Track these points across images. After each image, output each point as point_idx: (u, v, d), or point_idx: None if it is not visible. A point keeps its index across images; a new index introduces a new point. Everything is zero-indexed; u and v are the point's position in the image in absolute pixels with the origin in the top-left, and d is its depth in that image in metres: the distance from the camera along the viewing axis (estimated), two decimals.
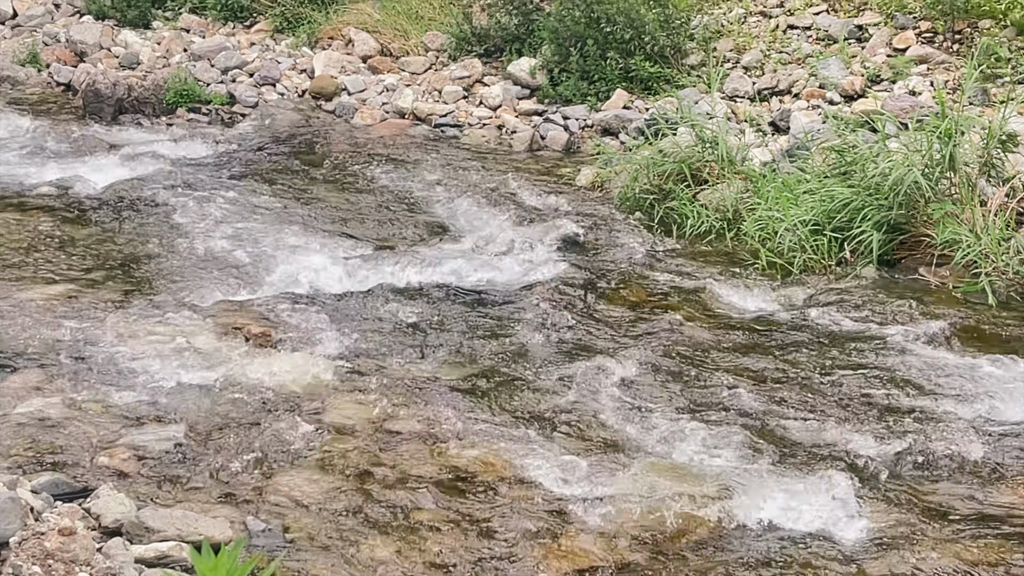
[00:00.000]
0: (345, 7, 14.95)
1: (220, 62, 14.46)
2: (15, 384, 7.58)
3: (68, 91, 14.51)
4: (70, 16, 16.26)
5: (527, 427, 7.32)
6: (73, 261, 9.68)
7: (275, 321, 8.63)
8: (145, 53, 14.93)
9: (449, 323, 8.74)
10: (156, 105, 13.75)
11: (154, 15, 15.97)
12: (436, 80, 13.74)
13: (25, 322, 8.41)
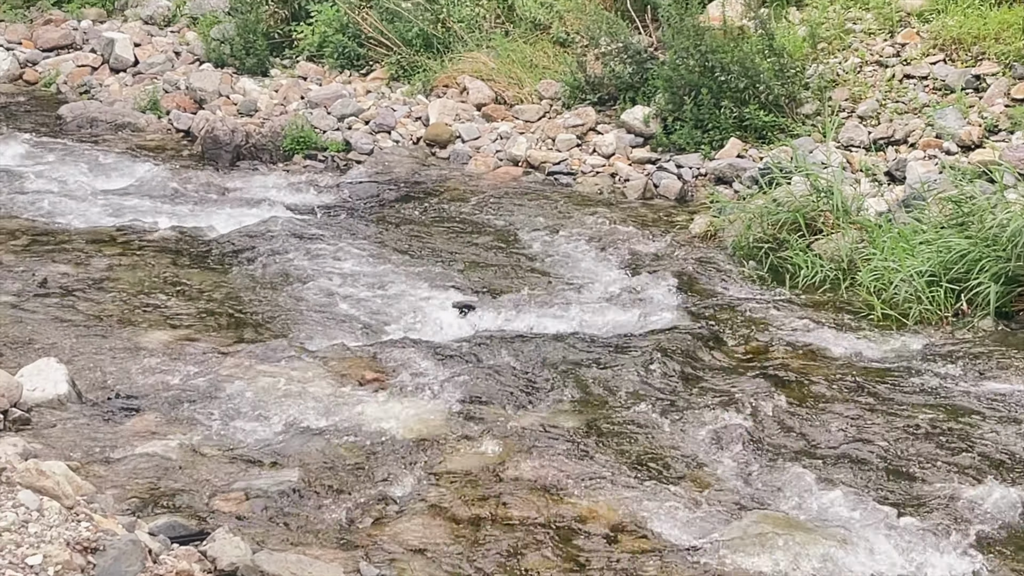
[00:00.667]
0: (460, 55, 15.08)
1: (336, 109, 14.65)
2: (135, 427, 7.73)
3: (187, 137, 14.77)
4: (190, 64, 16.56)
5: (640, 475, 7.32)
6: (191, 305, 9.85)
7: (388, 367, 8.71)
8: (263, 100, 15.17)
9: (560, 370, 8.76)
10: (273, 152, 13.95)
11: (272, 63, 16.22)
12: (550, 128, 13.82)
13: (145, 366, 8.57)
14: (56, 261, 10.66)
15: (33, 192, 12.56)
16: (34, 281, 10.09)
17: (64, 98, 16.26)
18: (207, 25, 16.89)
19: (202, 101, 15.41)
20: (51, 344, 8.89)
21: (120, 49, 16.81)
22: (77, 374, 8.30)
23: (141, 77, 16.40)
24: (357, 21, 15.72)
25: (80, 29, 17.84)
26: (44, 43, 17.69)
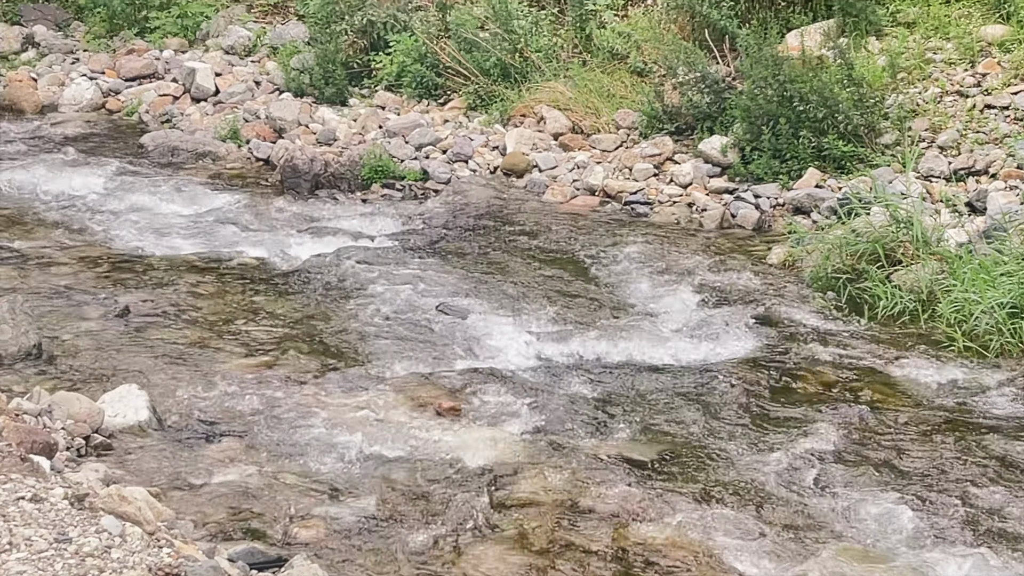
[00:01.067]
0: (538, 85, 15.13)
1: (414, 139, 14.74)
2: (215, 453, 7.81)
3: (266, 166, 14.89)
4: (270, 93, 16.71)
5: (715, 507, 7.31)
6: (270, 333, 9.94)
7: (464, 394, 8.76)
8: (341, 130, 15.28)
9: (635, 399, 8.77)
10: (351, 181, 14.04)
11: (351, 93, 16.34)
12: (627, 157, 13.83)
13: (224, 392, 8.66)
14: (137, 288, 10.79)
15: (115, 220, 12.72)
16: (116, 308, 10.21)
17: (146, 127, 16.44)
18: (287, 55, 17.05)
19: (281, 130, 15.55)
20: (132, 370, 8.99)
21: (201, 78, 17.00)
22: (158, 400, 8.39)
23: (222, 106, 16.57)
24: (435, 51, 15.82)
25: (162, 59, 18.05)
26: (127, 72, 17.90)
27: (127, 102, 17.28)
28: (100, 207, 13.11)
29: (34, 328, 9.29)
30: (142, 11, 19.05)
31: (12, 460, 5.61)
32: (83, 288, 10.76)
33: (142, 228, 12.46)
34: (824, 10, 14.58)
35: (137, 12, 19.03)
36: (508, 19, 15.45)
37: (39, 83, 17.86)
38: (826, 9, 14.57)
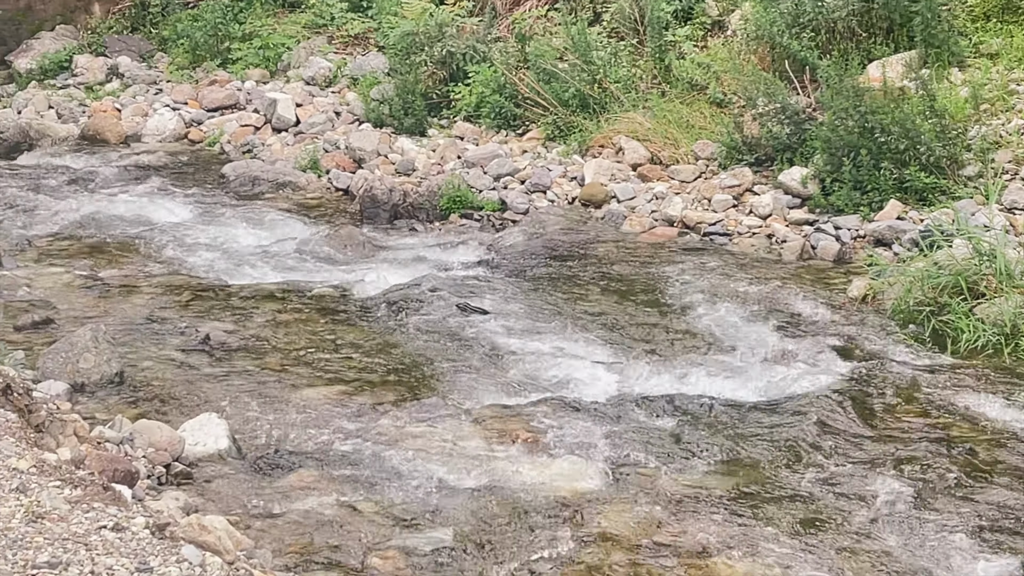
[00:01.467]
0: (616, 116, 15.12)
1: (492, 169, 14.77)
2: (293, 482, 7.83)
3: (346, 196, 14.98)
4: (349, 124, 16.82)
5: (796, 542, 7.23)
6: (349, 362, 9.96)
7: (543, 426, 8.73)
8: (420, 160, 15.34)
9: (714, 432, 8.70)
10: (430, 211, 14.09)
11: (430, 123, 16.41)
12: (705, 188, 13.78)
13: (303, 421, 8.69)
14: (218, 317, 10.87)
15: (196, 249, 12.84)
16: (197, 337, 10.28)
17: (227, 157, 16.59)
18: (367, 86, 17.16)
19: (361, 160, 15.63)
20: (212, 399, 9.05)
21: (282, 109, 17.14)
22: (237, 429, 8.44)
23: (302, 137, 16.69)
24: (514, 82, 15.86)
25: (244, 90, 18.23)
26: (209, 103, 18.10)
27: (209, 132, 17.46)
28: (182, 236, 13.24)
29: (116, 356, 9.37)
30: (224, 42, 19.28)
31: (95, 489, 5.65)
32: (164, 316, 10.85)
33: (223, 257, 12.58)
34: (906, 41, 14.47)
35: (220, 43, 19.26)
36: (587, 50, 15.47)
37: (123, 113, 18.11)
38: (908, 40, 14.46)
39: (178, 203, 14.40)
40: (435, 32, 16.71)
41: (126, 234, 13.37)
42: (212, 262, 12.44)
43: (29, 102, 18.62)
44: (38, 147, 17.13)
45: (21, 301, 11.02)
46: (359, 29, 18.95)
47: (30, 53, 20.12)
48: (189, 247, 12.90)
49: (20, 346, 9.78)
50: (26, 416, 6.24)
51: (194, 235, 13.30)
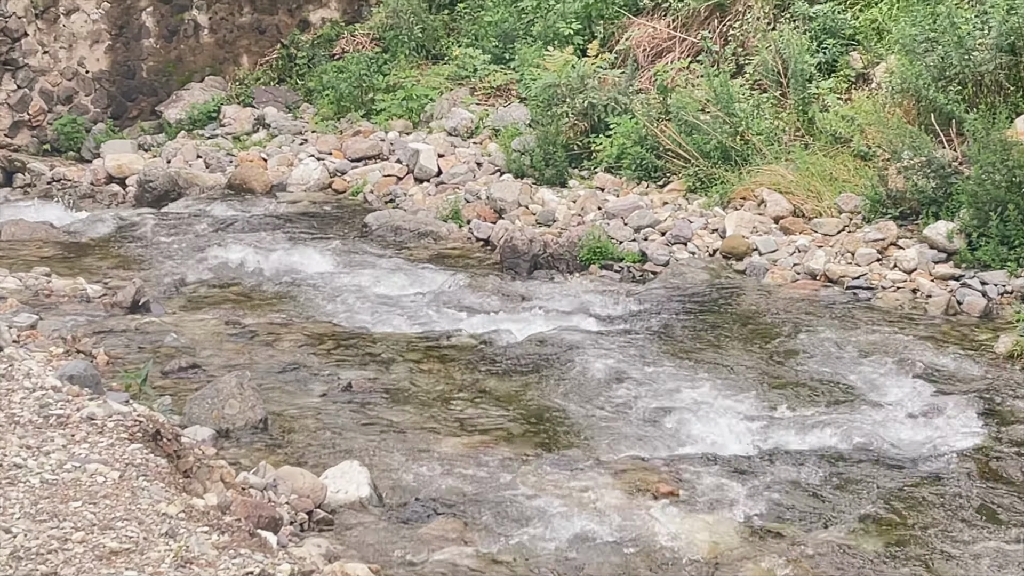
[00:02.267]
0: (758, 168, 15.05)
1: (633, 221, 14.77)
2: (433, 531, 7.86)
3: (486, 246, 15.07)
4: (491, 174, 16.94)
5: None
6: (489, 412, 10.00)
7: (682, 479, 8.68)
8: (561, 211, 15.40)
9: (856, 488, 8.59)
10: (570, 262, 14.13)
11: (570, 174, 16.48)
12: (849, 242, 13.65)
13: (443, 470, 8.72)
14: (360, 365, 10.98)
15: (339, 297, 13.00)
16: (339, 384, 10.39)
17: (370, 206, 16.81)
18: (508, 137, 17.28)
19: (502, 211, 15.73)
20: (354, 447, 9.12)
21: (424, 160, 17.32)
22: (378, 477, 8.49)
23: (444, 187, 16.85)
24: (655, 133, 15.86)
25: (387, 140, 18.45)
26: (353, 153, 18.35)
27: (352, 182, 17.69)
28: (325, 285, 13.41)
29: (260, 403, 9.50)
30: (369, 93, 19.56)
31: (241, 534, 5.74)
32: (307, 364, 10.98)
33: (365, 306, 12.71)
34: None
35: (364, 95, 19.54)
36: (729, 102, 15.44)
37: (269, 163, 18.42)
38: None
39: (322, 252, 14.60)
40: (577, 84, 16.79)
41: (271, 282, 13.59)
42: (354, 310, 12.58)
43: (178, 151, 19.04)
44: (186, 196, 17.50)
45: (169, 347, 11.22)
46: (501, 81, 19.12)
47: (180, 104, 20.58)
48: (332, 295, 13.06)
49: (167, 391, 9.96)
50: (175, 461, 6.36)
51: (337, 283, 13.47)
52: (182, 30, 21.25)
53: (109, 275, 13.80)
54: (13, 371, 7.32)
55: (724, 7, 17.78)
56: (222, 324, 12.05)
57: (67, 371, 8.72)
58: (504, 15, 19.73)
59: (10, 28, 19.93)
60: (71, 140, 20.23)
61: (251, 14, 21.62)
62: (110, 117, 20.81)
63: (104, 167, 18.76)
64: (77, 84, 20.62)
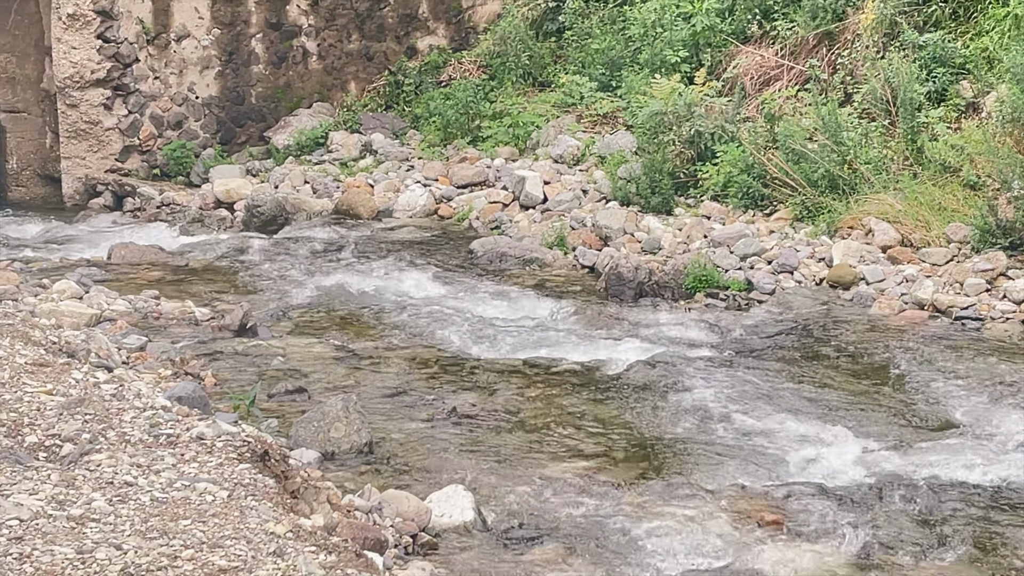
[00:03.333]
0: (866, 197, 14.94)
1: (739, 249, 14.72)
2: (536, 557, 7.88)
3: (591, 273, 15.09)
4: (596, 202, 16.95)
5: None
6: (593, 438, 10.00)
7: (788, 508, 8.62)
8: (666, 239, 15.38)
9: (964, 519, 8.49)
10: (675, 289, 14.10)
11: (676, 202, 16.45)
12: (957, 272, 13.51)
13: (547, 496, 8.74)
14: (464, 390, 11.03)
15: (444, 322, 13.06)
16: (444, 409, 10.45)
17: (475, 233, 16.90)
18: (614, 164, 17.28)
19: (607, 238, 15.74)
20: (458, 471, 9.16)
21: (530, 187, 17.38)
22: (483, 501, 8.52)
23: (549, 214, 16.89)
24: (762, 162, 15.81)
25: (493, 167, 18.54)
26: (458, 180, 18.45)
27: (458, 209, 17.80)
28: (430, 310, 13.49)
29: (366, 426, 9.57)
30: (475, 120, 19.66)
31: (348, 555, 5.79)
32: (412, 388, 11.05)
33: (470, 331, 12.77)
34: None
35: (470, 121, 19.64)
36: (837, 131, 15.35)
37: (375, 189, 18.59)
38: None
39: (427, 277, 14.70)
40: (684, 111, 16.77)
41: (377, 306, 13.69)
42: (459, 336, 12.64)
43: (286, 177, 19.27)
44: (293, 220, 17.69)
45: (275, 370, 11.36)
46: (608, 108, 19.14)
47: (288, 129, 20.82)
48: (437, 320, 13.14)
49: (274, 414, 10.08)
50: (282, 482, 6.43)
51: (442, 309, 13.54)
52: (291, 56, 21.51)
53: (217, 298, 13.99)
54: (124, 391, 7.44)
55: (833, 35, 17.68)
56: (328, 348, 12.18)
57: (176, 392, 8.87)
58: (611, 43, 19.76)
59: (122, 54, 20.28)
60: (180, 165, 20.53)
61: (359, 41, 21.84)
62: (219, 142, 21.10)
63: (213, 192, 19.03)
64: (187, 109, 20.93)
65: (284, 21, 21.39)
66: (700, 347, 12.29)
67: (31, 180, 20.93)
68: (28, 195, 20.88)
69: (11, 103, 20.70)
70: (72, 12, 19.78)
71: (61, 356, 8.68)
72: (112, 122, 20.31)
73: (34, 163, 20.92)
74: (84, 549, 5.25)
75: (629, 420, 10.42)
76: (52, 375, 7.53)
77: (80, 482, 5.96)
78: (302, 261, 15.61)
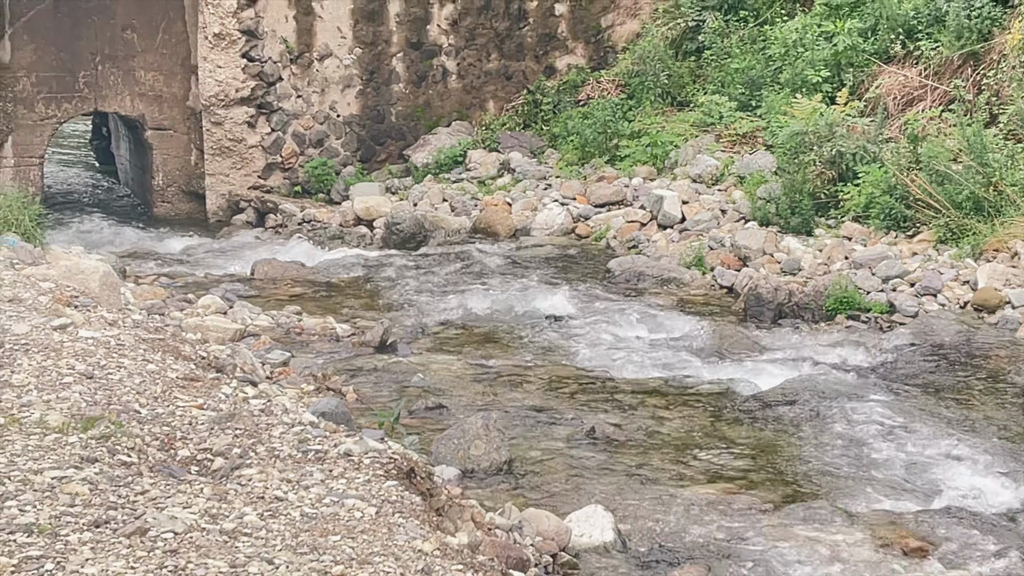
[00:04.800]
0: (1012, 220, 14.72)
1: (880, 271, 14.57)
2: None
3: (729, 294, 15.04)
4: (735, 222, 16.89)
5: None
6: (732, 460, 9.97)
7: (932, 535, 8.52)
8: (806, 260, 15.27)
9: None
10: (815, 311, 14.00)
11: (816, 223, 16.33)
12: None
13: (686, 517, 8.73)
14: (603, 410, 11.05)
15: (582, 341, 13.11)
16: (582, 429, 10.48)
17: (613, 252, 16.94)
18: (753, 184, 17.21)
19: (746, 259, 15.67)
20: (597, 491, 9.18)
21: (668, 206, 17.37)
22: (622, 522, 8.54)
23: (687, 234, 16.87)
24: (905, 183, 15.64)
25: (631, 186, 18.56)
26: (596, 199, 18.51)
27: (596, 228, 17.85)
28: (568, 328, 13.56)
29: (505, 445, 9.64)
30: (613, 139, 19.70)
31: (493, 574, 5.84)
32: (551, 407, 11.10)
33: (608, 351, 12.80)
34: None
35: (608, 140, 19.70)
36: (983, 152, 15.15)
37: (513, 207, 18.70)
38: None
39: (564, 296, 14.74)
40: (825, 132, 16.66)
41: (515, 324, 13.78)
42: (598, 355, 12.67)
43: (425, 195, 19.47)
44: (432, 238, 17.86)
45: (415, 387, 11.47)
46: (747, 128, 19.07)
47: (427, 148, 21.03)
48: (575, 339, 13.19)
49: (414, 430, 10.18)
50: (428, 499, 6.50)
51: (579, 328, 13.59)
52: (431, 75, 21.74)
53: (357, 315, 14.16)
54: (271, 407, 7.56)
55: (978, 55, 17.46)
56: (467, 365, 12.27)
57: (320, 408, 9.01)
58: (751, 62, 19.70)
59: (266, 73, 20.65)
60: (321, 182, 20.84)
61: (498, 60, 22.01)
62: (359, 160, 21.38)
63: (353, 209, 19.29)
64: (328, 128, 21.24)
65: (424, 41, 21.63)
66: (842, 370, 12.19)
67: (176, 196, 21.38)
68: (173, 211, 21.33)
69: (158, 121, 21.16)
70: (218, 32, 20.20)
71: (210, 371, 8.86)
72: (255, 140, 20.69)
73: (179, 180, 21.37)
74: (237, 563, 5.35)
75: (769, 442, 10.36)
76: (202, 390, 7.68)
77: (232, 496, 6.07)
78: (441, 278, 15.75)
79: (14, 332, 8.23)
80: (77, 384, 7.34)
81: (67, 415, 6.76)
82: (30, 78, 20.48)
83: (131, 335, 8.78)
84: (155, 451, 6.54)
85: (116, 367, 7.84)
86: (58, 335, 8.30)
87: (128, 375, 7.70)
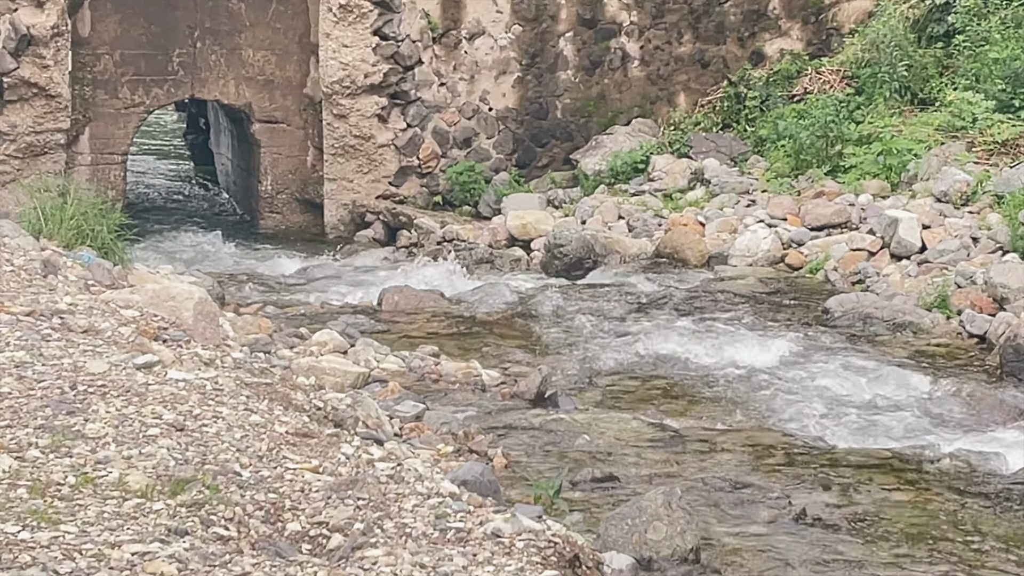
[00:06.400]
0: None
1: None
2: None
3: (982, 344, 14.86)
4: (990, 253, 16.65)
5: None
6: (982, 557, 9.83)
7: None
8: None
9: None
10: None
11: None
12: None
13: None
14: (816, 487, 10.98)
15: (791, 400, 13.04)
16: (790, 510, 10.41)
17: (833, 287, 16.85)
18: (1015, 206, 16.98)
19: (1003, 300, 15.45)
20: None
21: (904, 231, 17.21)
22: None
23: (928, 267, 16.70)
24: None
25: (857, 204, 18.44)
26: (812, 220, 18.40)
27: (811, 256, 17.76)
28: (773, 384, 13.49)
29: (692, 527, 9.59)
30: (835, 145, 19.58)
31: None
32: (750, 482, 11.05)
33: (825, 412, 12.72)
34: None
35: (830, 147, 19.58)
36: None
37: (707, 228, 18.71)
38: None
39: (770, 342, 14.70)
40: None
41: (706, 376, 13.76)
42: (811, 417, 12.59)
43: (596, 210, 19.52)
44: (604, 264, 17.92)
45: (580, 451, 11.49)
46: (1008, 134, 18.84)
47: (600, 151, 21.06)
48: (782, 397, 13.12)
49: (578, 506, 10.19)
50: None
51: (788, 382, 13.53)
52: (607, 61, 21.80)
53: (508, 358, 14.24)
54: (402, 472, 7.63)
55: None
56: (645, 426, 12.26)
57: (461, 475, 9.05)
58: (1015, 51, 19.45)
59: (402, 54, 20.78)
60: (467, 192, 20.98)
61: (692, 43, 22.00)
62: (515, 165, 21.49)
63: (505, 226, 19.41)
64: (477, 124, 21.38)
65: (600, 17, 21.68)
66: None
67: (287, 205, 21.62)
68: (283, 223, 21.56)
69: (268, 112, 21.37)
70: (345, 2, 20.34)
71: (326, 425, 8.96)
72: (387, 137, 20.88)
73: (292, 185, 21.59)
74: None
75: None
76: (317, 448, 7.78)
77: None
78: (614, 315, 15.79)
79: (89, 371, 8.39)
80: (164, 437, 7.48)
81: (152, 476, 6.89)
82: (113, 56, 20.87)
83: (231, 378, 8.92)
84: (258, 523, 6.64)
85: (212, 417, 7.97)
86: (142, 376, 8.46)
87: (227, 428, 7.82)
